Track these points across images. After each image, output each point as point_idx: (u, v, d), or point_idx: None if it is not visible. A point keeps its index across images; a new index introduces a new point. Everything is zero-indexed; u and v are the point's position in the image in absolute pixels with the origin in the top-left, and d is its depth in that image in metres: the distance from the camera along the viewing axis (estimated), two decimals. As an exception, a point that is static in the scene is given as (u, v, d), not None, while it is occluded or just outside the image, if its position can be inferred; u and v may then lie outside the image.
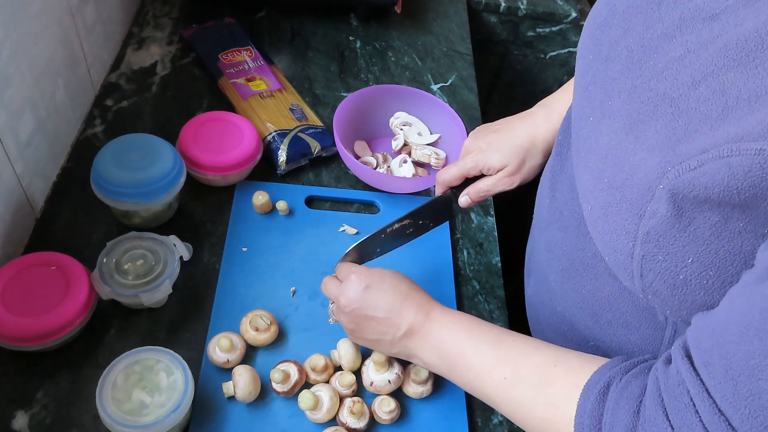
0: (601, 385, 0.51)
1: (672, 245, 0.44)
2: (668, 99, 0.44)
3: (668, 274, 0.45)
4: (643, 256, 0.46)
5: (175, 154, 0.81)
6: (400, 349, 0.67)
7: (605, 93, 0.51)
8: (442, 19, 1.28)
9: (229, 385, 0.69)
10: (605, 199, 0.48)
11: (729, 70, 0.40)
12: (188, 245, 0.77)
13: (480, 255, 0.91)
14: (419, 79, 1.14)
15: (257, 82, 1.01)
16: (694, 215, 0.42)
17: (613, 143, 0.48)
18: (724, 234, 0.41)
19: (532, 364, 0.58)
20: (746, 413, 0.39)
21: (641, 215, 0.45)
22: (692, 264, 0.44)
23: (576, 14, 1.36)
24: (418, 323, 0.65)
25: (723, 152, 0.38)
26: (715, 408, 0.41)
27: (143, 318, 0.76)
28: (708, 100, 0.41)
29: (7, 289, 0.68)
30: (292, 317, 0.78)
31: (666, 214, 0.43)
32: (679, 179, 0.41)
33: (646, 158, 0.44)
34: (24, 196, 0.79)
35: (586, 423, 0.50)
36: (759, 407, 0.38)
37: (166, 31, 1.12)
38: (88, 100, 0.97)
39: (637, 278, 0.48)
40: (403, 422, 0.72)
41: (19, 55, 0.74)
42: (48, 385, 0.69)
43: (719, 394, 0.41)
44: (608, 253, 0.50)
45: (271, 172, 0.93)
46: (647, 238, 0.45)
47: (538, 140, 0.74)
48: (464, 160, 0.77)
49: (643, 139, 0.45)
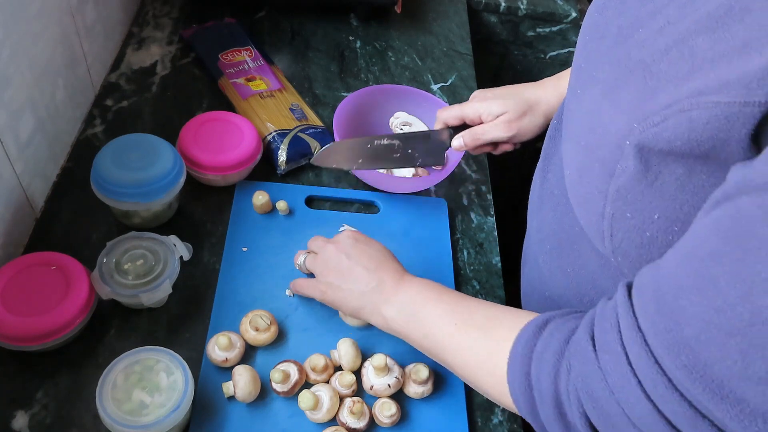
0: (540, 321, 0.54)
1: (639, 201, 0.45)
2: (642, 64, 0.46)
3: (635, 232, 0.47)
4: (613, 215, 0.47)
5: (175, 154, 0.81)
6: (366, 302, 0.68)
7: (593, 67, 0.53)
8: (442, 19, 1.28)
9: (229, 385, 0.69)
10: (581, 161, 0.50)
11: (698, 36, 0.42)
12: (188, 245, 0.77)
13: (480, 255, 0.91)
14: (419, 79, 1.14)
15: (257, 82, 1.01)
16: (660, 169, 0.43)
17: (592, 108, 0.50)
18: (689, 187, 0.43)
19: (483, 312, 0.61)
20: (661, 328, 0.40)
21: (611, 174, 0.46)
22: (658, 220, 0.45)
23: (576, 14, 1.36)
24: (391, 283, 0.68)
25: (684, 106, 0.40)
26: (636, 325, 0.43)
27: (143, 318, 0.76)
28: (677, 63, 0.43)
29: (7, 289, 0.68)
30: (292, 317, 0.79)
31: (634, 170, 0.44)
32: (644, 134, 0.43)
33: (617, 118, 0.46)
34: (24, 196, 0.79)
35: (519, 351, 0.52)
36: (674, 322, 0.39)
37: (166, 31, 1.12)
38: (88, 100, 0.97)
39: (608, 239, 0.49)
40: (403, 422, 0.72)
41: (19, 55, 0.74)
42: (48, 385, 0.69)
43: (642, 311, 0.42)
44: (583, 216, 0.51)
45: (271, 172, 0.93)
46: (617, 195, 0.46)
47: (542, 101, 0.77)
48: (466, 103, 0.80)
49: (617, 101, 0.47)
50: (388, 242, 0.82)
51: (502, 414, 0.75)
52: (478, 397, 0.76)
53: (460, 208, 0.95)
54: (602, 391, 0.44)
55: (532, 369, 0.51)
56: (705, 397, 0.38)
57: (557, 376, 0.49)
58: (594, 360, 0.45)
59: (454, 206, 0.95)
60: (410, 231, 0.89)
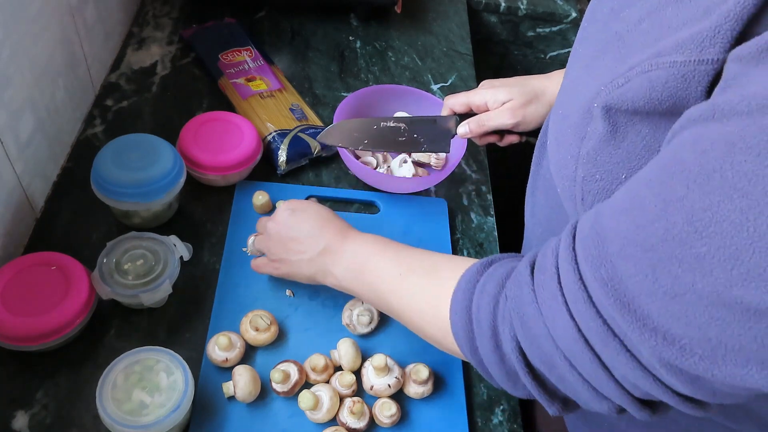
0: (485, 261, 0.55)
1: (608, 162, 0.46)
2: (618, 36, 0.48)
3: (604, 193, 0.48)
4: (584, 178, 0.48)
5: (175, 154, 0.81)
6: (317, 267, 0.69)
7: (582, 46, 0.54)
8: (442, 19, 1.28)
9: (229, 385, 0.69)
10: (558, 129, 0.51)
11: (668, 6, 0.44)
12: (188, 245, 0.77)
13: (480, 255, 0.91)
14: (419, 79, 1.14)
15: (257, 82, 1.01)
16: (627, 129, 0.45)
17: (572, 79, 0.52)
18: (654, 146, 0.44)
19: (426, 260, 0.62)
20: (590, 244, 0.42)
21: (582, 137, 0.48)
22: (625, 180, 0.46)
23: (576, 14, 1.36)
24: (336, 242, 0.68)
25: (644, 68, 0.42)
26: (571, 248, 0.44)
27: (143, 318, 0.76)
28: (647, 33, 0.45)
29: (7, 289, 0.68)
30: (292, 317, 0.79)
31: (602, 131, 0.46)
32: (610, 96, 0.44)
33: (590, 84, 0.47)
34: (24, 196, 0.79)
35: (462, 287, 0.54)
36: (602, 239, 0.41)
37: (166, 31, 1.12)
38: (88, 100, 0.97)
39: (579, 203, 0.50)
40: (403, 422, 0.72)
41: (19, 55, 0.74)
42: (48, 385, 0.69)
43: (580, 234, 0.44)
44: (559, 183, 0.52)
45: (271, 172, 0.93)
46: (587, 158, 0.48)
47: (548, 91, 0.78)
48: (474, 90, 0.81)
49: (594, 72, 0.48)
50: (388, 242, 0.82)
51: (502, 414, 0.75)
52: (478, 397, 0.76)
53: (460, 208, 0.95)
54: (532, 311, 0.46)
55: (473, 302, 0.52)
56: (615, 311, 0.40)
57: (496, 306, 0.50)
58: (529, 283, 0.47)
59: (454, 206, 0.95)
60: (410, 231, 0.89)
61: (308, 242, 0.70)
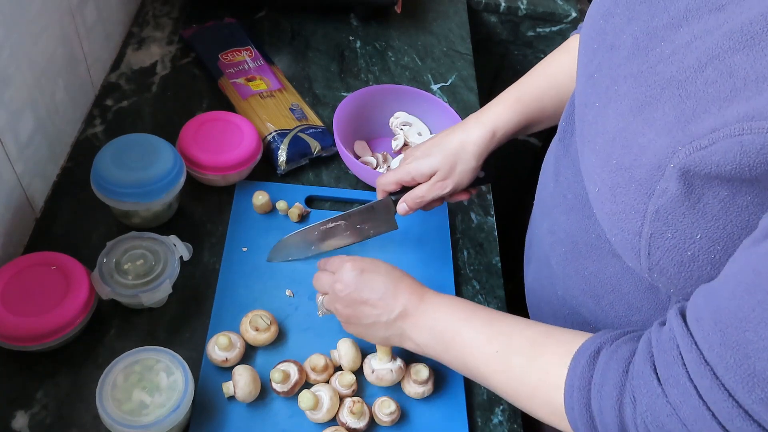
0: (592, 349, 0.52)
1: (681, 222, 0.45)
2: (675, 82, 0.45)
3: (676, 251, 0.46)
4: (652, 234, 0.47)
5: (175, 154, 0.81)
6: (394, 331, 0.67)
7: (611, 79, 0.52)
8: (442, 19, 1.28)
9: (229, 385, 0.69)
10: (613, 180, 0.49)
11: (735, 53, 0.41)
12: (188, 245, 0.77)
13: (480, 255, 0.91)
14: (419, 79, 1.14)
15: (257, 82, 1.01)
16: (703, 191, 0.43)
17: (621, 126, 0.49)
18: (732, 208, 0.43)
19: (523, 336, 0.59)
20: (731, 362, 0.40)
21: (650, 194, 0.46)
22: (700, 240, 0.45)
23: (576, 14, 1.36)
24: (413, 305, 0.66)
25: (734, 131, 0.39)
26: (702, 358, 0.42)
27: (143, 318, 0.76)
28: (715, 82, 0.42)
29: (7, 289, 0.68)
30: (292, 317, 0.78)
31: (676, 192, 0.44)
32: (690, 157, 0.42)
33: (655, 139, 0.45)
34: (24, 196, 0.79)
35: (576, 385, 0.51)
36: (743, 356, 0.40)
37: (166, 31, 1.12)
38: (88, 100, 0.97)
39: (644, 257, 0.49)
40: (403, 422, 0.72)
41: (19, 55, 0.74)
42: (48, 385, 0.69)
43: (707, 345, 0.42)
44: (615, 233, 0.51)
45: (271, 172, 0.93)
46: (656, 216, 0.46)
47: (468, 145, 0.75)
48: (400, 166, 0.78)
49: (651, 120, 0.46)
50: (389, 242, 0.83)
51: (502, 414, 0.75)
52: (478, 397, 0.76)
53: (460, 208, 0.95)
54: (674, 424, 0.44)
55: (593, 402, 0.50)
56: (762, 406, 0.39)
57: (621, 409, 0.48)
58: (661, 395, 0.45)
59: (454, 206, 0.95)
60: (410, 231, 0.89)
61: (382, 306, 0.66)
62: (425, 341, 0.65)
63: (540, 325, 0.60)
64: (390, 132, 1.01)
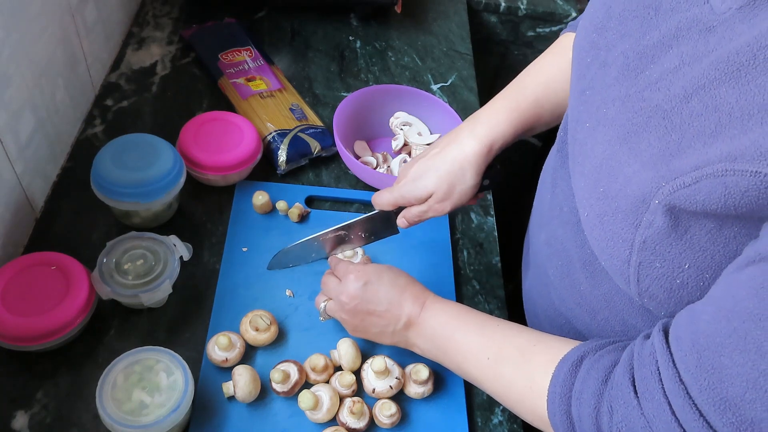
0: (575, 357, 0.54)
1: (669, 252, 0.45)
2: (661, 111, 0.45)
3: (665, 279, 0.47)
4: (640, 263, 0.47)
5: (175, 154, 0.81)
6: (399, 338, 0.69)
7: (601, 99, 0.52)
8: (442, 19, 1.28)
9: (229, 385, 0.69)
10: (600, 207, 0.49)
11: (721, 85, 0.41)
12: (188, 245, 0.77)
13: (480, 255, 0.91)
14: (419, 79, 1.14)
15: (257, 82, 1.01)
16: (690, 224, 0.43)
17: (608, 153, 0.49)
18: (720, 239, 0.43)
19: (513, 344, 0.61)
20: (705, 385, 0.41)
21: (637, 225, 0.46)
22: (689, 269, 0.45)
23: (576, 14, 1.36)
24: (416, 314, 0.68)
25: (717, 171, 0.39)
26: (678, 377, 0.43)
27: (143, 318, 0.76)
28: (700, 116, 0.42)
29: (7, 289, 0.68)
30: (292, 317, 0.78)
31: (662, 224, 0.44)
32: (674, 195, 0.42)
33: (640, 171, 0.45)
34: (24, 196, 0.79)
35: (557, 392, 0.53)
36: (717, 380, 0.40)
37: (166, 31, 1.12)
38: (88, 100, 0.97)
39: (634, 283, 0.49)
40: (403, 422, 0.72)
41: (19, 55, 0.74)
42: (48, 385, 0.69)
43: (683, 365, 0.43)
44: (605, 259, 0.51)
45: (271, 172, 0.93)
46: (644, 246, 0.46)
47: (464, 163, 0.71)
48: (396, 188, 0.75)
49: (636, 150, 0.46)
50: (389, 243, 0.82)
51: (502, 414, 0.75)
52: (478, 397, 0.76)
53: (461, 208, 0.95)
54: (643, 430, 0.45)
55: (573, 409, 0.52)
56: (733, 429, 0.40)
57: (599, 417, 0.49)
58: (637, 407, 0.46)
59: (454, 206, 0.95)
60: (410, 231, 0.89)
61: (388, 317, 0.68)
62: (428, 348, 0.68)
63: (530, 332, 0.62)
64: (390, 132, 1.01)
